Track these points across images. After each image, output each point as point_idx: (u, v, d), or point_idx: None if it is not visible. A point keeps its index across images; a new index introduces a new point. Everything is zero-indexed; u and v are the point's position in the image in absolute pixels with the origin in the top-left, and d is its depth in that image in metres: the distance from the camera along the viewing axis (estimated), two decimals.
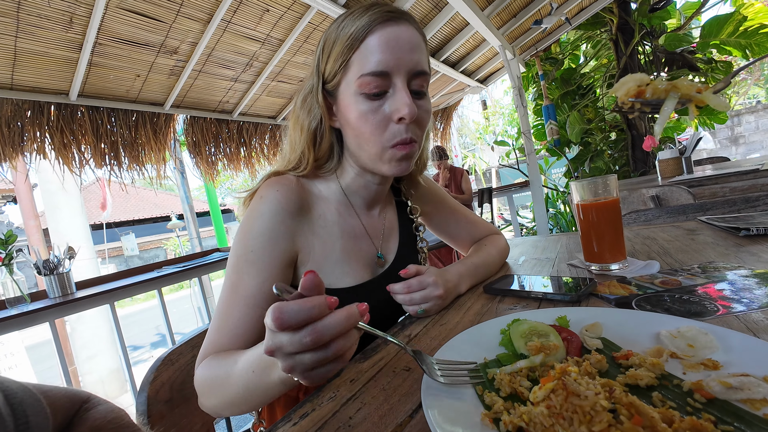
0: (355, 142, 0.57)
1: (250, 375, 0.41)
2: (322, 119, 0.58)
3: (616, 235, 0.65)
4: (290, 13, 2.17)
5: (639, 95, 0.49)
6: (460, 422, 0.29)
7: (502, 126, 12.82)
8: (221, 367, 0.45)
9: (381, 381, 0.41)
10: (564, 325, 0.42)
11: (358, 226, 0.65)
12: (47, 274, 1.70)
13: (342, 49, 0.53)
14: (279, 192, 0.56)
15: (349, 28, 0.52)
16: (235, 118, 3.00)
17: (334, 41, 0.54)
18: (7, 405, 0.22)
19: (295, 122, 0.61)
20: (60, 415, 0.28)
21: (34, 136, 2.05)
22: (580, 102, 4.27)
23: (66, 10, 1.62)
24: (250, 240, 0.54)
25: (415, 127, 0.55)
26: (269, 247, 0.54)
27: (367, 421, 0.34)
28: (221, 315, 0.52)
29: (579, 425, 0.22)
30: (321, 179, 0.64)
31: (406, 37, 0.52)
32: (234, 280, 0.53)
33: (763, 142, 7.82)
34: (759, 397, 0.26)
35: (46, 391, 0.27)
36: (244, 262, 0.53)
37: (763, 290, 0.46)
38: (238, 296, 0.52)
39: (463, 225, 0.82)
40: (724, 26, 3.37)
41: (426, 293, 0.57)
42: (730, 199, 1.01)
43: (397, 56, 0.51)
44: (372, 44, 0.51)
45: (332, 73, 0.55)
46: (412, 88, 0.53)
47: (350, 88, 0.53)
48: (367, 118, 0.53)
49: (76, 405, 0.31)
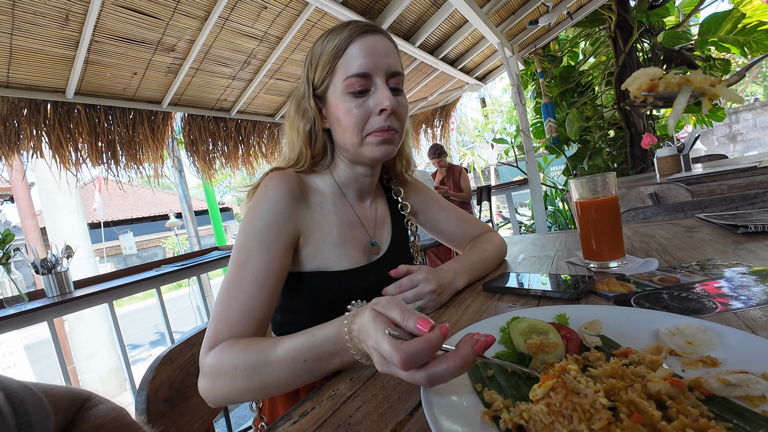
0: (341, 136, 0.64)
1: (301, 364, 0.43)
2: (315, 121, 0.66)
3: (614, 232, 0.65)
4: (288, 11, 2.15)
5: (652, 89, 0.49)
6: (460, 420, 0.29)
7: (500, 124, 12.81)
8: (253, 353, 0.46)
9: (381, 379, 0.42)
10: (563, 322, 0.42)
11: (352, 215, 0.71)
12: (45, 273, 1.70)
13: (328, 58, 0.61)
14: (282, 181, 0.62)
15: (333, 41, 0.61)
16: (233, 116, 2.98)
17: (320, 53, 0.63)
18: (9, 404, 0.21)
19: (291, 125, 0.68)
20: (61, 414, 0.28)
21: (31, 135, 2.03)
22: (579, 100, 4.27)
23: (62, 7, 1.61)
24: (257, 221, 0.58)
25: (395, 119, 0.62)
26: (276, 227, 0.58)
27: (367, 419, 0.34)
28: (229, 295, 0.53)
29: (578, 423, 0.22)
30: (317, 174, 0.71)
31: (381, 45, 0.61)
32: (242, 260, 0.55)
33: (761, 139, 7.84)
34: (757, 394, 0.26)
35: (47, 389, 0.27)
36: (253, 240, 0.56)
37: (761, 287, 0.46)
38: (247, 274, 0.54)
39: (454, 223, 0.84)
40: (723, 23, 3.37)
41: (418, 290, 0.58)
42: (728, 196, 1.02)
43: (375, 60, 0.60)
44: (353, 51, 0.60)
45: (321, 79, 0.63)
46: (389, 86, 0.61)
47: (337, 90, 0.61)
48: (352, 113, 0.60)
49: (77, 404, 0.31)
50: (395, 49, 0.65)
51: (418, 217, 0.84)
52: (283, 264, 0.58)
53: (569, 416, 0.23)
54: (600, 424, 0.21)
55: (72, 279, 1.81)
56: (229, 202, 20.97)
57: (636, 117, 3.81)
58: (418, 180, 0.86)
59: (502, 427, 0.27)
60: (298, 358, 0.43)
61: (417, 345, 0.31)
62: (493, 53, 3.89)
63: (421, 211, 0.84)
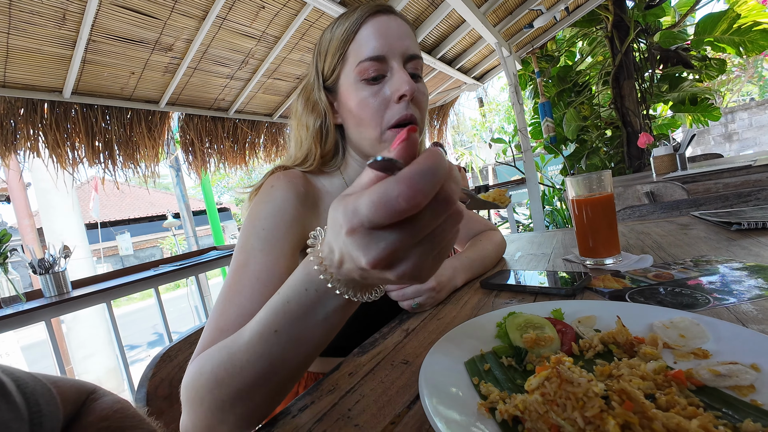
0: (356, 130, 0.58)
1: (272, 339, 0.32)
2: (326, 116, 0.60)
3: (610, 229, 0.66)
4: (286, 10, 2.15)
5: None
6: (457, 411, 0.29)
7: (498, 123, 12.85)
8: (219, 350, 0.36)
9: (379, 374, 0.42)
10: (558, 317, 0.43)
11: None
12: (42, 273, 1.69)
13: (338, 44, 0.56)
14: (290, 181, 0.57)
15: (343, 26, 0.56)
16: (230, 115, 2.98)
17: (329, 40, 0.57)
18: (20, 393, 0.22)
19: (299, 122, 0.63)
20: (69, 405, 0.29)
21: (28, 135, 2.02)
22: (576, 99, 4.29)
23: (59, 7, 1.60)
24: (261, 220, 0.53)
25: (415, 107, 0.56)
26: (282, 226, 0.53)
27: (366, 412, 0.35)
28: (226, 299, 0.46)
29: (572, 411, 0.23)
30: (325, 175, 0.65)
31: (395, 25, 0.55)
32: (243, 260, 0.49)
33: (757, 138, 7.89)
34: (746, 384, 0.27)
35: (55, 381, 0.28)
36: (256, 239, 0.51)
37: (753, 282, 0.47)
38: (247, 274, 0.48)
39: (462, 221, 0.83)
40: (718, 23, 3.40)
41: (418, 287, 0.58)
42: (723, 194, 1.03)
43: (390, 41, 0.54)
44: (366, 33, 0.54)
45: (331, 68, 0.58)
46: (407, 70, 0.56)
47: (349, 78, 0.56)
48: (367, 103, 0.55)
49: (83, 395, 0.31)
50: (411, 31, 0.59)
51: None
52: (288, 267, 0.50)
53: (563, 405, 0.24)
54: (593, 412, 0.22)
55: (69, 279, 1.81)
56: (227, 202, 20.92)
57: (633, 116, 3.83)
58: None
59: (498, 418, 0.28)
60: (268, 332, 0.32)
61: (420, 161, 0.20)
62: (491, 53, 3.90)
63: None
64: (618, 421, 0.21)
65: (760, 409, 0.24)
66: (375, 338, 0.53)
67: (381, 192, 0.20)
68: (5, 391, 0.21)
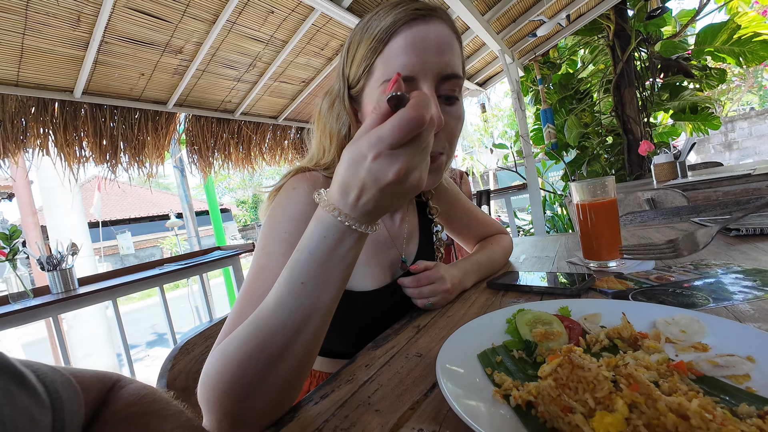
0: None
1: (300, 291, 0.35)
2: (350, 127, 0.56)
3: (613, 233, 0.68)
4: (294, 15, 2.19)
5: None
6: (474, 397, 0.32)
7: (500, 129, 12.91)
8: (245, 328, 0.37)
9: (395, 366, 0.44)
10: (566, 314, 0.45)
11: (382, 232, 0.65)
12: (51, 269, 1.71)
13: (365, 53, 0.49)
14: (312, 184, 0.54)
15: (374, 29, 0.49)
16: (236, 117, 3.02)
17: (358, 44, 0.51)
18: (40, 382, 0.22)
19: (323, 127, 0.59)
20: (93, 393, 0.29)
21: (37, 133, 2.05)
22: (578, 106, 4.33)
23: (74, 9, 1.64)
24: (283, 223, 0.50)
25: (444, 137, 0.51)
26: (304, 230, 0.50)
27: (386, 399, 0.37)
28: (244, 300, 0.45)
29: (583, 393, 0.25)
30: None
31: (433, 37, 0.47)
32: (264, 263, 0.47)
33: (757, 147, 7.94)
34: (742, 373, 0.29)
35: (74, 372, 0.28)
36: (278, 242, 0.48)
37: (750, 285, 0.49)
38: (267, 275, 0.45)
39: (474, 225, 0.85)
40: (719, 34, 3.45)
41: (434, 287, 0.60)
42: (722, 201, 1.05)
43: (423, 59, 0.47)
44: (396, 46, 0.47)
45: (356, 78, 0.52)
46: (441, 93, 0.49)
47: (373, 95, 0.50)
48: None
49: (107, 385, 0.32)
50: (455, 40, 0.51)
51: (443, 217, 0.81)
52: None
53: (575, 388, 0.26)
54: (603, 393, 0.24)
55: (76, 276, 1.83)
56: (227, 203, 20.95)
57: (633, 124, 3.87)
58: (446, 177, 0.77)
59: (512, 403, 0.30)
60: (296, 286, 0.35)
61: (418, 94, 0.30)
62: (494, 59, 3.94)
63: (447, 212, 0.80)
64: (626, 401, 0.23)
65: (755, 395, 0.27)
66: (387, 334, 0.55)
67: (399, 118, 0.29)
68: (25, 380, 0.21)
